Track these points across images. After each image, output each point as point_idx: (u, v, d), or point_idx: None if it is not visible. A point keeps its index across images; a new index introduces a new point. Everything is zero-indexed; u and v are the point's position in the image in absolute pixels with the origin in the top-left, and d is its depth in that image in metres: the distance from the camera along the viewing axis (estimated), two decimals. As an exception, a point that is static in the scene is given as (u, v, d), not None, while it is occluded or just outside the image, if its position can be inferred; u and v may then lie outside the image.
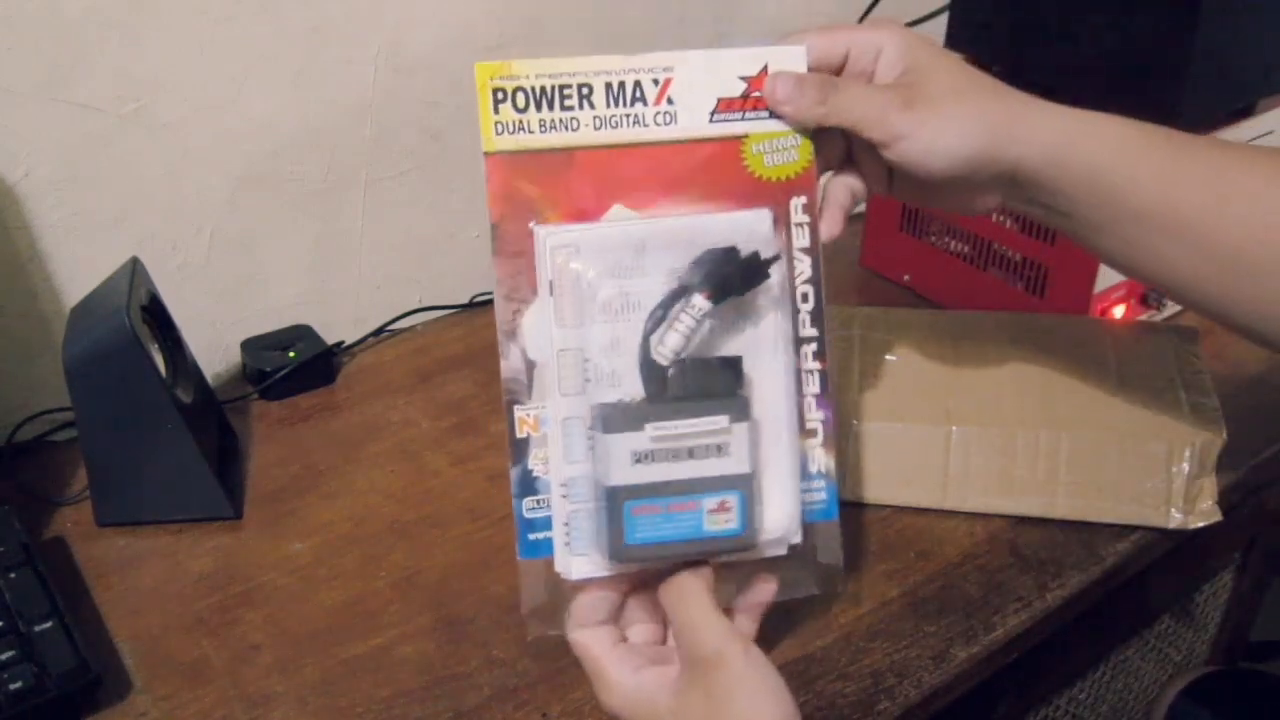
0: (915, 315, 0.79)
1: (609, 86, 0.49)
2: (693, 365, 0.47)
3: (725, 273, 0.47)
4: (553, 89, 0.49)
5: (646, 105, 0.50)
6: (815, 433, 0.52)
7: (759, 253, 0.48)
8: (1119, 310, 0.84)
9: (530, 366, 0.49)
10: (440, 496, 0.74)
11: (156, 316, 0.73)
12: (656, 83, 0.50)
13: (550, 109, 0.49)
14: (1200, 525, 0.67)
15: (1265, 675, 0.98)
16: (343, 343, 0.90)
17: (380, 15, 0.83)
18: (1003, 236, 0.87)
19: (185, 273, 0.83)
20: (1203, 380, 0.71)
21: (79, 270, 0.77)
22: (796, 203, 0.51)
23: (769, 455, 0.49)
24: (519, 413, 0.49)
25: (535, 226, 0.49)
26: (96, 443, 0.69)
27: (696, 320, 0.46)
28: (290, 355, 0.84)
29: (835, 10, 1.03)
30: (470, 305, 0.96)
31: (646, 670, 0.47)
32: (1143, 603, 0.88)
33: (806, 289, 0.51)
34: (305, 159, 0.84)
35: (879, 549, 0.68)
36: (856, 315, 0.77)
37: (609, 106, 0.50)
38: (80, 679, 0.57)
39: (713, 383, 0.47)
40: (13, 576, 0.62)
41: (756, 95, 0.51)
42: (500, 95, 0.49)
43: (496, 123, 0.49)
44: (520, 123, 0.49)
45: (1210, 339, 0.77)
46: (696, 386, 0.46)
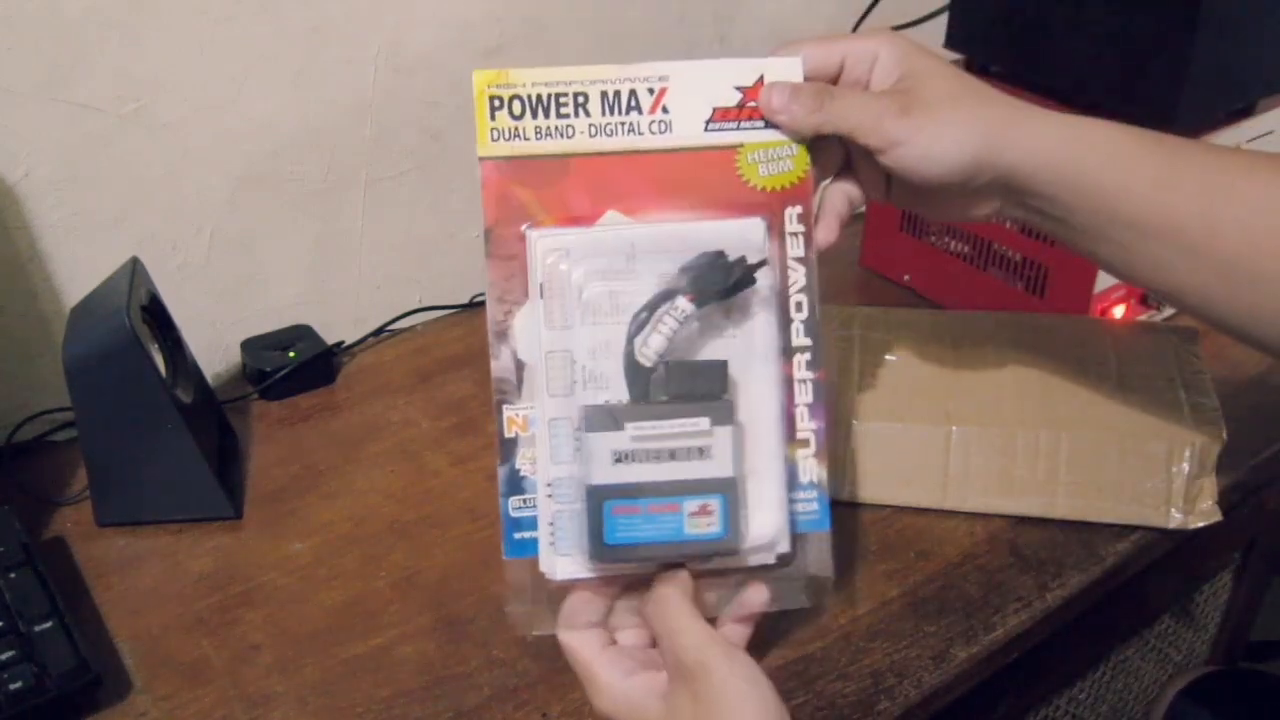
0: (915, 315, 0.79)
1: (604, 95, 0.50)
2: (676, 367, 0.47)
3: (710, 276, 0.47)
4: (549, 97, 0.49)
5: (641, 114, 0.50)
6: (808, 443, 0.52)
7: (745, 258, 0.48)
8: (1119, 310, 0.84)
9: (520, 367, 0.49)
10: (440, 496, 0.74)
11: (156, 316, 0.73)
12: (652, 92, 0.50)
13: (546, 116, 0.49)
14: (1200, 525, 0.67)
15: (1265, 675, 0.97)
16: (343, 343, 0.90)
17: (380, 15, 0.83)
18: (1003, 236, 0.87)
19: (185, 273, 0.83)
20: (1203, 380, 0.71)
21: (79, 270, 0.77)
22: (791, 212, 0.51)
23: (756, 462, 0.49)
24: (508, 412, 0.50)
25: (527, 229, 0.49)
26: (96, 443, 0.69)
27: (679, 322, 0.47)
28: (290, 355, 0.84)
29: (835, 11, 1.03)
30: (470, 305, 0.96)
31: (636, 675, 0.48)
32: (1143, 603, 0.88)
33: (801, 298, 0.51)
34: (305, 159, 0.84)
35: (879, 549, 0.68)
36: (856, 315, 0.77)
37: (604, 115, 0.50)
38: (80, 679, 0.57)
39: (697, 385, 0.47)
40: (13, 576, 0.62)
41: (752, 105, 0.51)
42: (497, 102, 0.49)
43: (492, 129, 0.49)
44: (516, 129, 0.49)
45: (1210, 339, 0.77)
46: (680, 388, 0.46)
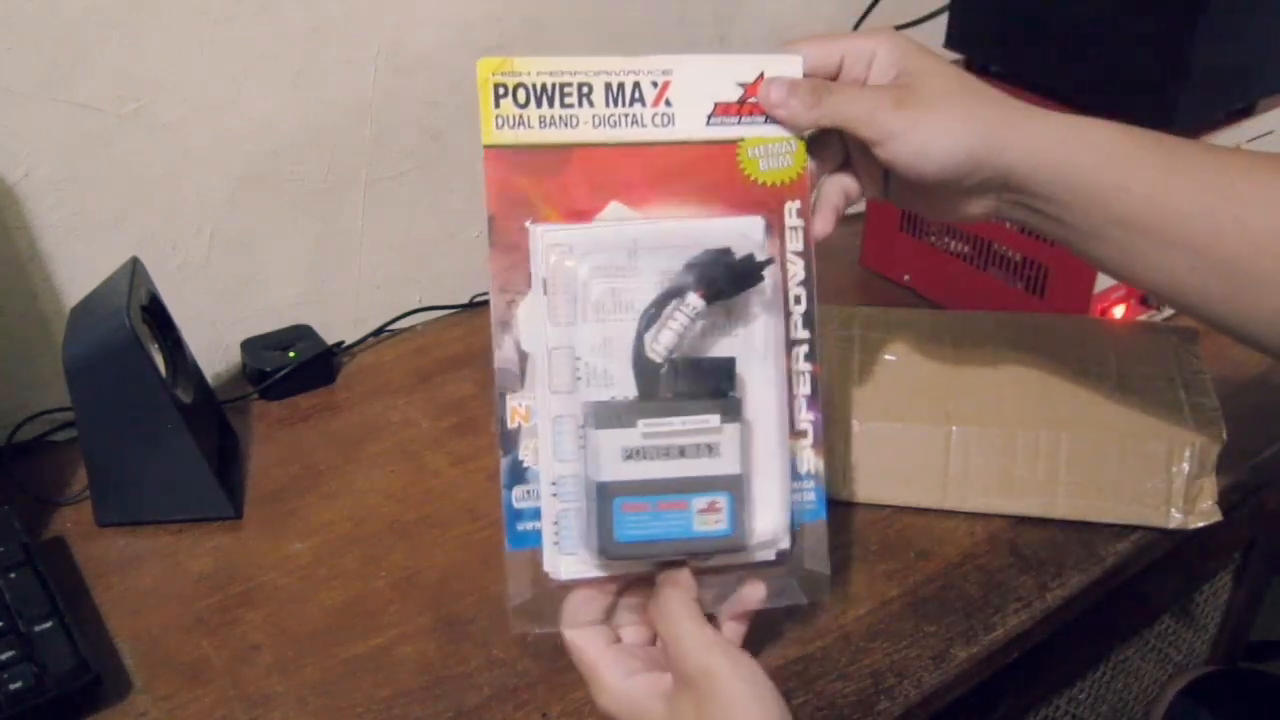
0: (915, 315, 0.79)
1: (609, 86, 0.50)
2: (685, 364, 0.47)
3: (719, 273, 0.47)
4: (553, 86, 0.49)
5: (645, 106, 0.50)
6: (805, 434, 0.52)
7: (753, 255, 0.48)
8: (1119, 310, 0.84)
9: (523, 358, 0.49)
10: (440, 496, 0.74)
11: (156, 316, 0.73)
12: (655, 85, 0.50)
13: (550, 106, 0.49)
14: (1200, 525, 0.67)
15: (1265, 675, 0.98)
16: (343, 343, 0.90)
17: (380, 15, 0.83)
18: (1003, 236, 0.87)
19: (185, 273, 0.83)
20: (1203, 380, 0.71)
21: (79, 270, 0.77)
22: (791, 206, 0.52)
23: (759, 459, 0.49)
24: (511, 402, 0.50)
25: (530, 225, 0.49)
26: (96, 443, 0.69)
27: (690, 318, 0.47)
28: (290, 355, 0.84)
29: (835, 11, 1.03)
30: (470, 305, 0.96)
31: (640, 675, 0.48)
32: (1143, 603, 0.88)
33: (799, 291, 0.52)
34: (305, 159, 0.84)
35: (879, 549, 0.68)
36: (856, 315, 0.77)
37: (608, 106, 0.50)
38: (80, 679, 0.57)
39: (705, 382, 0.47)
40: (13, 576, 0.62)
41: (753, 101, 0.51)
42: (501, 90, 0.49)
43: (497, 116, 0.49)
44: (520, 118, 0.49)
45: (1210, 339, 0.76)
46: (689, 385, 0.47)
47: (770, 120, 0.51)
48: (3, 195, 0.73)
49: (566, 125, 0.50)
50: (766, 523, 0.49)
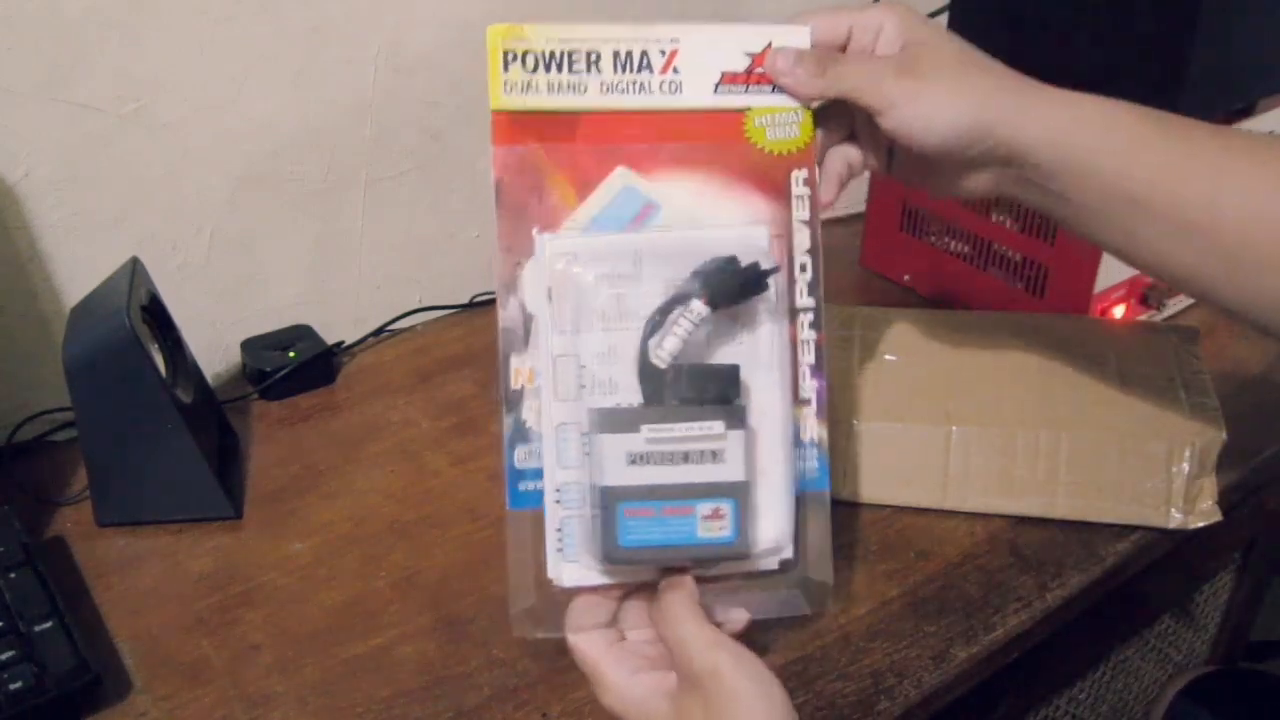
0: (915, 315, 0.79)
1: (617, 54, 0.50)
2: (690, 371, 0.47)
3: (724, 280, 0.47)
4: (562, 53, 0.50)
5: (653, 74, 0.51)
6: (809, 402, 0.52)
7: (759, 263, 0.48)
8: (1119, 310, 0.84)
9: (527, 319, 0.50)
10: (440, 496, 0.74)
11: (156, 316, 0.73)
12: (663, 53, 0.51)
13: (559, 72, 0.50)
14: (1200, 525, 0.67)
15: (1265, 675, 0.98)
16: (343, 343, 0.90)
17: (380, 15, 0.83)
18: (1003, 236, 0.87)
19: (185, 273, 0.83)
20: (1203, 380, 0.71)
21: (79, 270, 0.77)
22: (797, 175, 0.52)
23: (763, 466, 0.49)
24: (514, 363, 0.50)
25: (536, 233, 0.50)
26: (96, 443, 0.69)
27: (694, 324, 0.47)
28: (290, 355, 0.84)
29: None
30: (470, 305, 0.96)
31: (644, 674, 0.47)
32: (1143, 603, 0.88)
33: (805, 259, 0.52)
34: (305, 159, 0.84)
35: (879, 549, 0.68)
36: (856, 315, 0.77)
37: (616, 73, 0.50)
38: (80, 679, 0.57)
39: (710, 389, 0.47)
40: (13, 576, 0.62)
41: (760, 71, 0.51)
42: (510, 56, 0.50)
43: (505, 82, 0.50)
44: (529, 83, 0.50)
45: (1210, 339, 0.77)
46: (693, 391, 0.46)
47: (778, 90, 0.52)
48: (3, 195, 0.73)
49: (574, 91, 0.50)
50: (770, 531, 0.49)
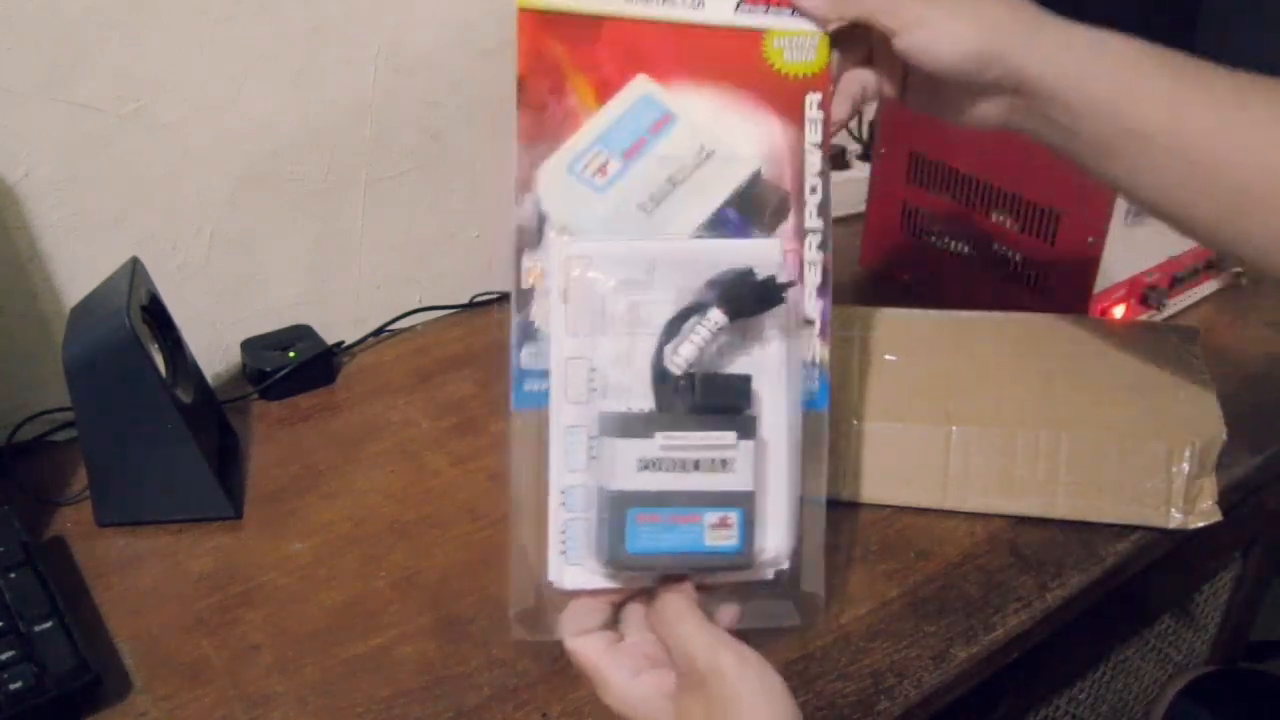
0: (915, 315, 0.79)
1: None
2: (704, 379, 0.47)
3: (742, 292, 0.47)
4: None
5: None
6: (813, 323, 0.53)
7: (775, 277, 0.48)
8: (1119, 310, 0.84)
9: (541, 218, 0.50)
10: (440, 496, 0.74)
11: (156, 316, 0.73)
12: None
13: None
14: (1200, 525, 0.67)
15: (1265, 675, 0.98)
16: (343, 343, 0.90)
17: (380, 15, 0.83)
18: (1003, 236, 0.87)
19: (185, 273, 0.83)
20: (1203, 380, 0.71)
21: (79, 270, 0.77)
22: (812, 99, 0.53)
23: (767, 478, 0.49)
24: (527, 262, 0.51)
25: (552, 236, 0.50)
26: (96, 443, 0.69)
27: (711, 333, 0.47)
28: (290, 355, 0.84)
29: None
30: (470, 305, 0.96)
31: (645, 674, 0.47)
32: (1143, 603, 0.88)
33: (816, 182, 0.53)
34: (305, 159, 0.84)
35: (879, 549, 0.68)
36: (856, 315, 0.77)
37: None
38: (80, 679, 0.57)
39: (722, 398, 0.47)
40: (13, 576, 0.62)
41: None
42: None
43: None
44: None
45: (1210, 339, 0.77)
46: (706, 399, 0.47)
47: (797, 13, 0.52)
48: (3, 195, 0.73)
49: None
50: (770, 542, 0.49)
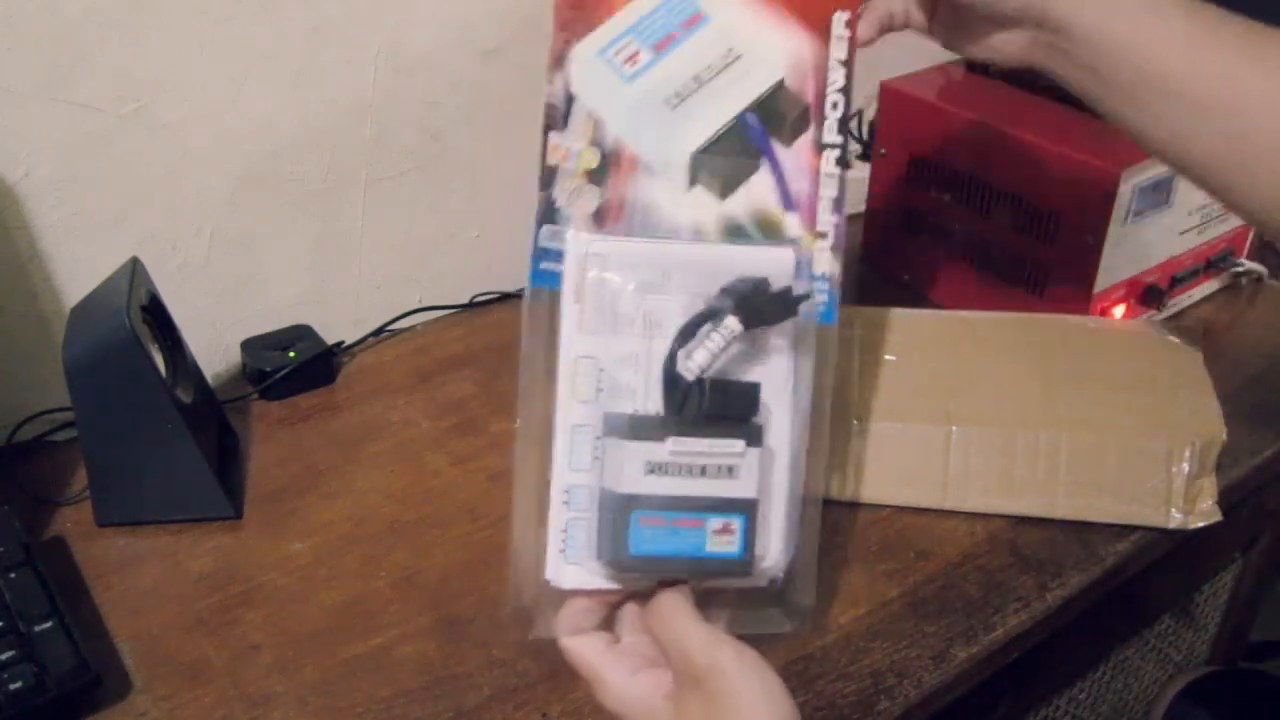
0: (915, 315, 0.79)
1: None
2: (715, 385, 0.47)
3: (758, 302, 0.48)
4: None
5: None
6: (826, 235, 0.53)
7: (790, 289, 0.48)
8: (1119, 310, 0.84)
9: (570, 100, 0.51)
10: (440, 496, 0.74)
11: (156, 316, 0.73)
12: None
13: None
14: (1200, 525, 0.68)
15: (1265, 675, 0.98)
16: (343, 343, 0.90)
17: (380, 15, 0.83)
18: (1003, 236, 0.87)
19: (185, 273, 0.83)
20: (1203, 380, 0.71)
21: (79, 270, 0.77)
22: (839, 17, 0.54)
23: (769, 487, 0.49)
24: (553, 139, 0.51)
25: (570, 233, 0.50)
26: (96, 443, 0.69)
27: (726, 341, 0.47)
28: (290, 355, 0.84)
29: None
30: (470, 305, 0.96)
31: (643, 673, 0.47)
32: (1143, 603, 0.88)
33: (837, 98, 0.53)
34: (305, 159, 0.84)
35: (879, 549, 0.68)
36: (856, 315, 0.77)
37: None
38: (80, 679, 0.57)
39: (732, 404, 0.47)
40: (13, 576, 0.62)
41: None
42: None
43: None
44: None
45: (1210, 339, 0.77)
46: (716, 406, 0.47)
47: None
48: (3, 195, 0.73)
49: None
50: (768, 550, 0.49)
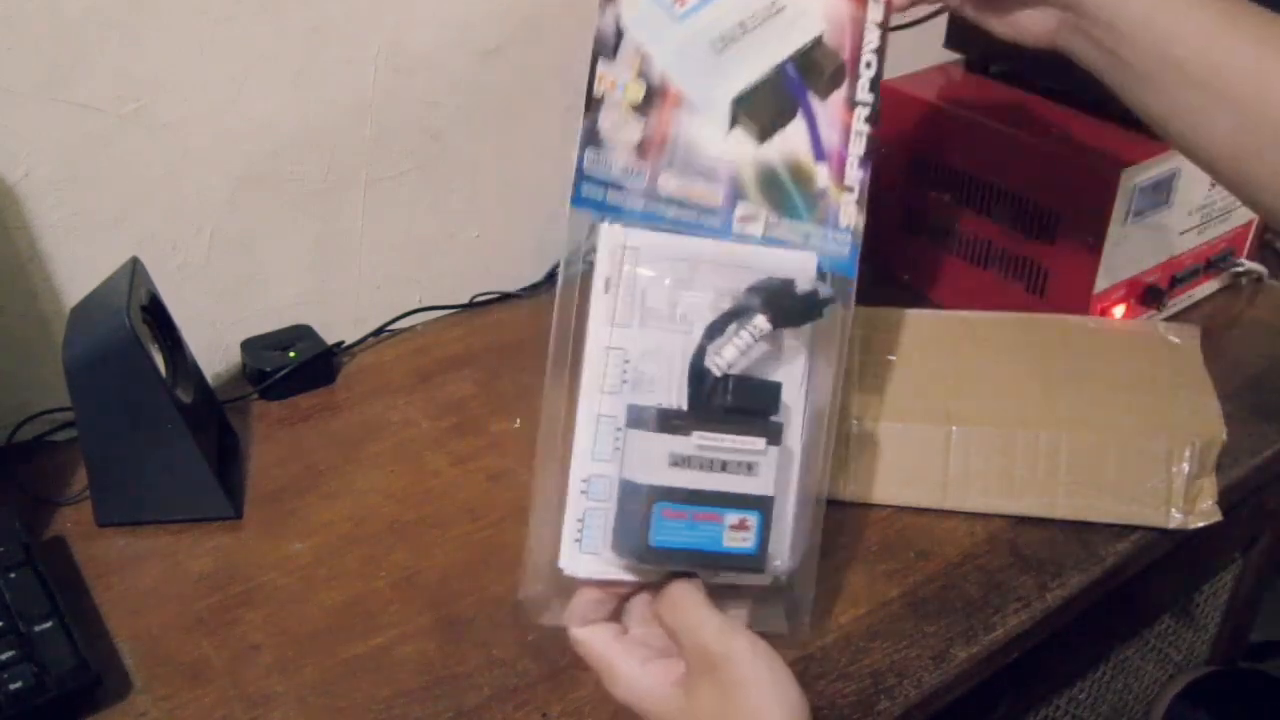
0: (915, 315, 0.79)
1: None
2: (739, 382, 0.47)
3: (787, 303, 0.48)
4: None
5: None
6: (852, 189, 0.53)
7: (818, 292, 0.49)
8: (1119, 310, 0.84)
9: (619, 33, 0.52)
10: (440, 496, 0.74)
11: (156, 316, 0.73)
12: None
13: None
14: (1200, 525, 0.68)
15: (1265, 675, 0.98)
16: (343, 343, 0.90)
17: (380, 15, 0.83)
18: (1003, 236, 0.87)
19: (185, 273, 0.83)
20: (1203, 380, 0.71)
21: (79, 270, 0.77)
22: None
23: (784, 486, 0.50)
24: (601, 68, 0.52)
25: (600, 223, 0.50)
26: (96, 443, 0.69)
27: (754, 339, 0.47)
28: (290, 355, 0.84)
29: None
30: (470, 305, 0.96)
31: (654, 663, 0.48)
32: (1143, 603, 0.88)
33: (871, 58, 0.54)
34: (305, 159, 0.84)
35: (879, 549, 0.68)
36: (857, 315, 0.77)
37: None
38: (80, 679, 0.57)
39: (755, 402, 0.48)
40: (13, 576, 0.62)
41: None
42: None
43: None
44: None
45: (1210, 339, 0.77)
46: (740, 402, 0.47)
47: None
48: (3, 195, 0.73)
49: None
50: (779, 549, 0.50)
